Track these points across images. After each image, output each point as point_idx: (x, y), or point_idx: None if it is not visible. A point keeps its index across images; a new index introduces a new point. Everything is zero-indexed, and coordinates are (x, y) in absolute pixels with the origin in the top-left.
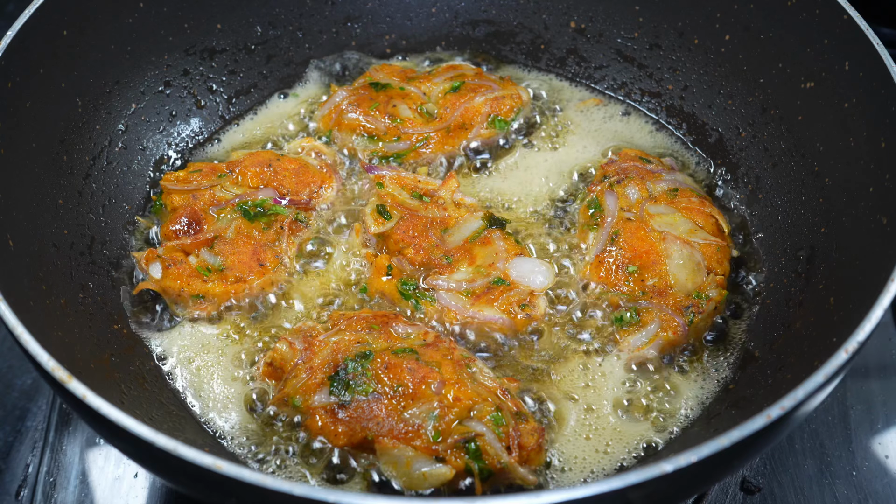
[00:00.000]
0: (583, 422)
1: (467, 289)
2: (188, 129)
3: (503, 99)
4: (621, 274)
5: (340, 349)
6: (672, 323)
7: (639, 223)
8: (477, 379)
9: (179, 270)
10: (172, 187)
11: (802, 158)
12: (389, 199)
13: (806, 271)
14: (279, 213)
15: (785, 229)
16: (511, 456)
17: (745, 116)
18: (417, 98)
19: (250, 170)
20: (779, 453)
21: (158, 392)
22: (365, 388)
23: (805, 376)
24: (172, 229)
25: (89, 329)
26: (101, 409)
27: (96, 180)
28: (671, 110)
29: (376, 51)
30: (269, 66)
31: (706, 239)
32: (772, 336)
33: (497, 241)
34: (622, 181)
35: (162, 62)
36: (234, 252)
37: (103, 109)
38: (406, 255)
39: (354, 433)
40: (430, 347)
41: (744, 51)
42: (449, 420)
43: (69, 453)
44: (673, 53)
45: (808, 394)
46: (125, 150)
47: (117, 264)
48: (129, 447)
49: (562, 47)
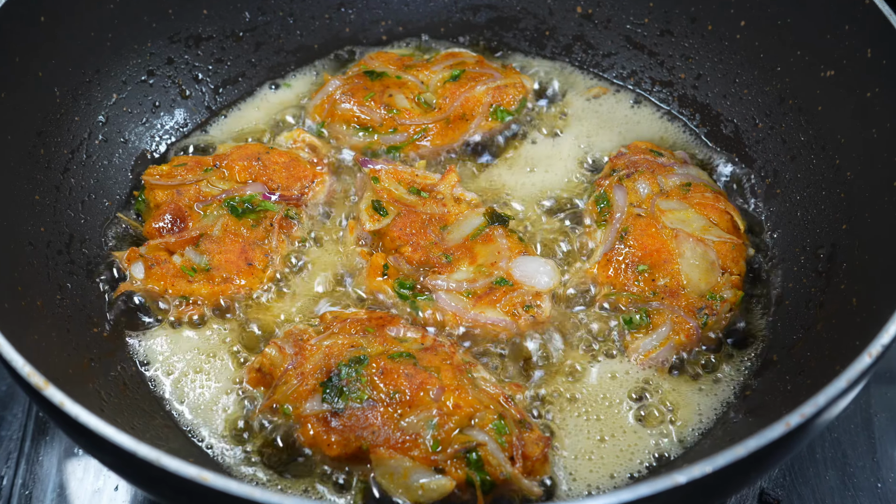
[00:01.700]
0: (591, 430)
1: (468, 289)
2: (172, 120)
3: (506, 88)
4: (631, 273)
5: (333, 354)
6: (684, 325)
7: (649, 219)
8: (478, 385)
9: (163, 270)
10: (155, 182)
11: (822, 151)
12: (385, 195)
13: (827, 270)
14: (268, 209)
15: (804, 226)
16: (515, 466)
17: (761, 107)
18: (415, 87)
19: (238, 164)
20: (799, 463)
21: (141, 399)
22: (359, 394)
23: (826, 381)
24: (155, 227)
25: (67, 332)
26: (80, 417)
27: (75, 175)
28: (683, 100)
29: (372, 37)
30: (258, 55)
31: (720, 236)
32: (791, 339)
33: (499, 239)
34: (632, 175)
35: (145, 50)
36: (221, 251)
37: (83, 100)
38: (403, 254)
39: (348, 443)
40: (428, 352)
41: (760, 37)
42: (449, 429)
43: (46, 464)
44: (685, 40)
45: (830, 400)
46: (106, 142)
47: (97, 264)
48: (109, 458)
49: (568, 34)
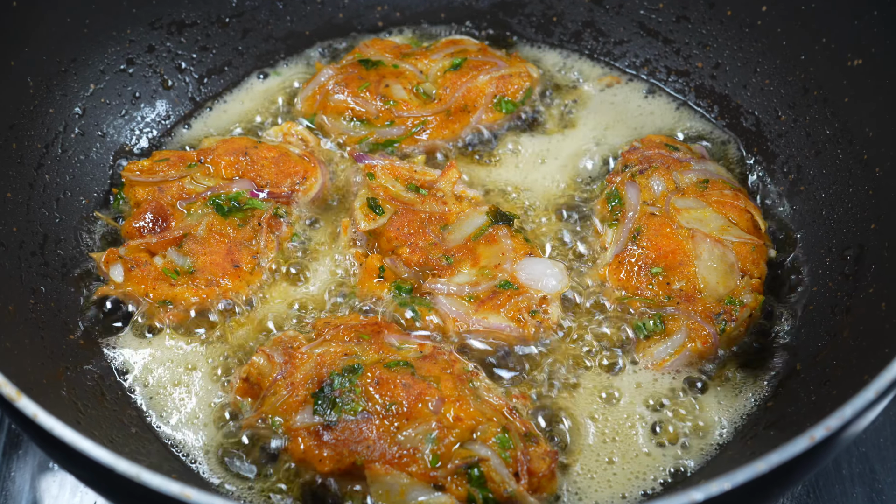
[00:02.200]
0: (601, 444)
1: (470, 293)
2: (154, 112)
3: (510, 78)
4: (644, 276)
5: (325, 362)
6: (701, 332)
7: (664, 219)
8: (481, 396)
9: (143, 273)
10: (136, 179)
11: (850, 145)
12: (381, 192)
13: (854, 273)
14: (256, 207)
15: (830, 225)
16: (520, 483)
17: (784, 98)
18: (413, 77)
19: (224, 159)
20: (824, 480)
21: (119, 411)
22: (353, 406)
23: (853, 392)
24: (136, 226)
25: (41, 339)
26: (55, 429)
27: (50, 171)
28: (701, 91)
29: (367, 24)
30: (245, 42)
31: (740, 237)
32: (815, 347)
33: (504, 240)
34: (645, 171)
35: (124, 37)
36: (206, 252)
37: (58, 91)
38: (401, 256)
39: (342, 458)
40: (427, 360)
41: (783, 23)
42: (449, 443)
43: (18, 480)
44: (703, 26)
45: (857, 412)
46: (82, 136)
47: (73, 266)
48: (86, 473)
49: (577, 20)
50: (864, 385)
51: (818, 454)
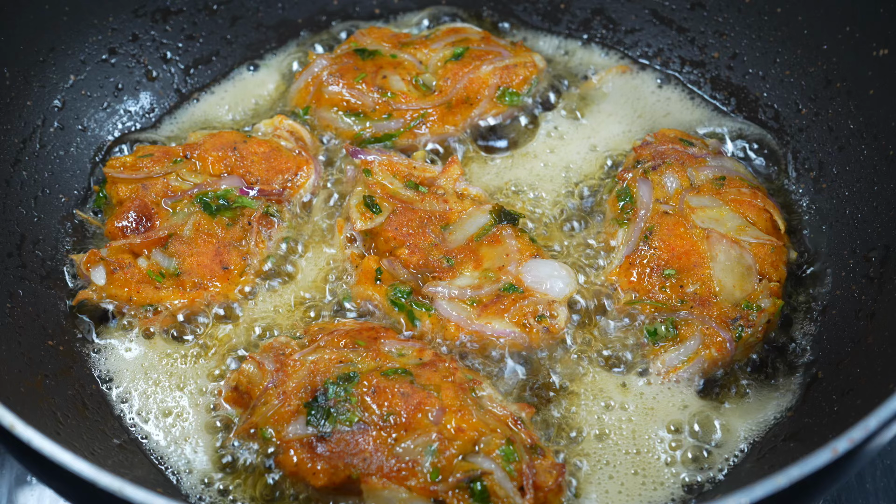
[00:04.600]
0: (611, 456)
1: (472, 297)
2: (137, 105)
3: (515, 68)
4: (656, 279)
5: (319, 370)
6: (716, 338)
7: (678, 218)
8: (483, 406)
9: (127, 276)
10: (118, 175)
11: (874, 140)
12: (379, 189)
13: (879, 276)
14: (246, 205)
15: (854, 225)
16: (525, 498)
17: (805, 90)
18: (412, 67)
19: (212, 154)
20: (846, 494)
21: (102, 421)
22: (349, 416)
23: (878, 402)
24: (118, 226)
25: (18, 346)
26: (33, 441)
27: (27, 167)
28: (717, 82)
29: (363, 10)
30: (234, 30)
31: (758, 237)
32: (838, 354)
33: (508, 240)
34: (658, 167)
35: (106, 25)
36: (193, 253)
37: (36, 82)
38: (399, 257)
39: (336, 471)
40: (427, 368)
41: (804, 11)
42: (450, 455)
43: None
44: (719, 14)
45: (883, 423)
46: (62, 130)
47: (52, 268)
48: (66, 487)
49: (586, 7)
50: (889, 394)
51: (841, 468)
